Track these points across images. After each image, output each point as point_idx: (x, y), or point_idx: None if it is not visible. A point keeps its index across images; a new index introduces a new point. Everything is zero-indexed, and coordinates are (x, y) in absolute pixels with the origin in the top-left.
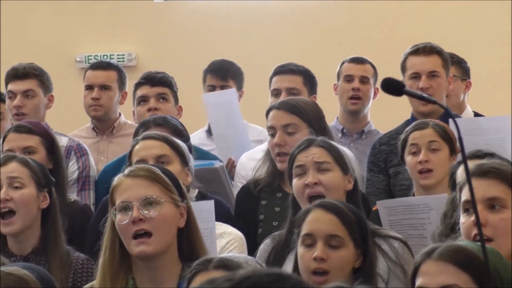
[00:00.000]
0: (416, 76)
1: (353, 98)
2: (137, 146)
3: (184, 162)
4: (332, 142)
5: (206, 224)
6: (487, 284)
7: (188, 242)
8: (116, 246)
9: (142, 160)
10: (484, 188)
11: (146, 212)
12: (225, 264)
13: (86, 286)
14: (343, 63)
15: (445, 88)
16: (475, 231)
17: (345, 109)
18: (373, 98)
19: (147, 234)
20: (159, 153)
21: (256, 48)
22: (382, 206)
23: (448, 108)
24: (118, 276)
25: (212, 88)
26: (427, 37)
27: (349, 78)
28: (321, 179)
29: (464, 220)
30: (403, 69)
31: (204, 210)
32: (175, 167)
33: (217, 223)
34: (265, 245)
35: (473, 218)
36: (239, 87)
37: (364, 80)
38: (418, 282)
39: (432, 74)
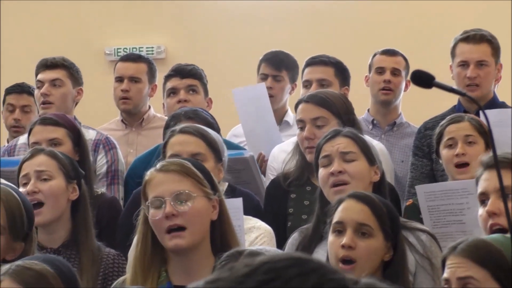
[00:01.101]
0: (464, 64)
1: (384, 90)
2: (172, 139)
3: (218, 158)
4: (358, 133)
5: (234, 221)
6: (506, 280)
7: (221, 234)
8: (148, 240)
9: (176, 155)
10: (496, 179)
11: (179, 207)
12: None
13: (119, 279)
14: (374, 55)
15: (493, 77)
16: (490, 222)
17: (376, 99)
18: (404, 91)
19: (181, 228)
20: (194, 151)
21: (287, 42)
22: (421, 191)
23: (497, 97)
24: (150, 270)
25: (264, 77)
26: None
27: (380, 70)
28: (346, 168)
29: (481, 212)
30: (452, 54)
31: (232, 208)
32: (208, 165)
33: (245, 217)
34: (293, 239)
35: (486, 208)
36: (293, 80)
37: (395, 72)
38: (444, 274)
39: (480, 63)
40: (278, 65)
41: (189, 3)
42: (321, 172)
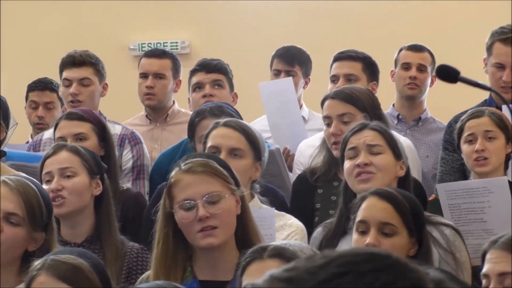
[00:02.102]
0: (500, 66)
1: (410, 85)
2: (215, 131)
3: (257, 156)
4: (385, 126)
5: (266, 230)
6: None
7: (242, 228)
8: (170, 238)
9: (215, 147)
10: None
11: (211, 208)
12: (280, 253)
13: (143, 276)
14: (401, 50)
15: None
16: None
17: (402, 95)
18: (430, 86)
19: (212, 227)
20: (234, 146)
21: (313, 37)
22: (442, 190)
23: None
24: (173, 268)
25: (277, 73)
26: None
27: (406, 66)
28: (372, 161)
29: None
30: (489, 52)
31: (264, 217)
32: (246, 162)
33: (278, 213)
34: (317, 233)
35: None
36: (306, 74)
37: (421, 68)
38: (484, 269)
39: None
40: (290, 60)
41: None
42: (347, 163)
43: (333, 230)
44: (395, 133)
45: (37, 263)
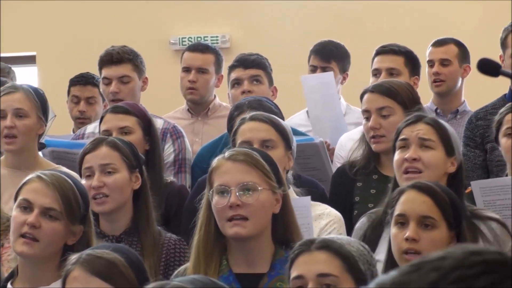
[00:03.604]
0: None
1: (436, 82)
2: (243, 126)
3: (288, 146)
4: (442, 122)
5: (302, 219)
6: None
7: (284, 228)
8: (212, 224)
9: (247, 142)
10: None
11: (244, 197)
12: (328, 245)
13: (181, 268)
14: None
15: None
16: None
17: (433, 91)
18: (464, 77)
19: (243, 218)
20: (265, 137)
21: (354, 31)
22: (476, 186)
23: None
24: (212, 256)
25: (314, 68)
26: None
27: (431, 63)
28: (421, 156)
29: None
30: (504, 45)
31: (300, 206)
32: (278, 152)
33: (314, 203)
34: (361, 223)
35: None
36: (343, 70)
37: (444, 62)
38: None
39: None
40: (326, 56)
41: None
42: (397, 155)
43: (378, 220)
44: (450, 128)
45: (73, 257)
